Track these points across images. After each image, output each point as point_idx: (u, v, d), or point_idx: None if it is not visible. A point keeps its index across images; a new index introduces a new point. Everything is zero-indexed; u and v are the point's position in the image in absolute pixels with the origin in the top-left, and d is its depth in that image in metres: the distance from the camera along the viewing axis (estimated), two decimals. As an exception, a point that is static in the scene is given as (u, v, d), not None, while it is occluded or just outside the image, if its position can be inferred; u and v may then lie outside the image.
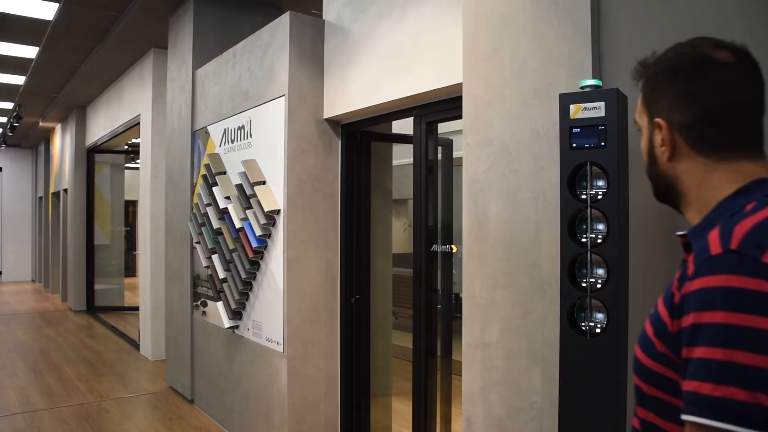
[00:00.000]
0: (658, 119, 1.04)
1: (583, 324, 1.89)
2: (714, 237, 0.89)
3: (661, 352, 0.94)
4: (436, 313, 3.53)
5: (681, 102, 1.01)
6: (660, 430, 0.97)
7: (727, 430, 0.79)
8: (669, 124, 1.03)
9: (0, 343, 8.03)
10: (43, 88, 9.28)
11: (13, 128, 11.18)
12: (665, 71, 1.04)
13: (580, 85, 1.90)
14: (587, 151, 1.87)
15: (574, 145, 1.89)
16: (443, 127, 3.56)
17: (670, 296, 0.93)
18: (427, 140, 3.44)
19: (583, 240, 1.89)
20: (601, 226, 1.86)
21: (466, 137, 2.69)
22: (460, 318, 2.84)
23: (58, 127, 12.36)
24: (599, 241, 1.86)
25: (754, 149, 0.99)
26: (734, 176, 0.98)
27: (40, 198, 15.22)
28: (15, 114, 10.43)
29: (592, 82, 1.88)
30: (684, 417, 0.84)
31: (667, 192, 1.10)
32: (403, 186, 6.45)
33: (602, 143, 1.84)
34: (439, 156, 3.63)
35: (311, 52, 4.00)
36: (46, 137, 14.00)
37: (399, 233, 8.32)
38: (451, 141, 3.86)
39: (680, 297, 0.89)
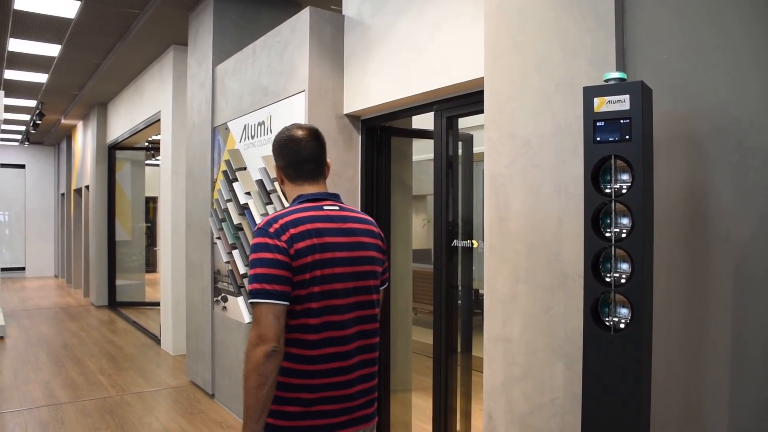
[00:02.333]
0: (276, 165, 2.01)
1: (607, 319, 1.88)
2: (262, 220, 1.86)
3: None
4: (456, 309, 3.52)
5: (278, 157, 1.99)
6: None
7: (256, 302, 1.71)
8: (277, 168, 2.01)
9: (24, 337, 8.16)
10: (65, 85, 9.40)
11: (35, 126, 11.32)
12: (274, 143, 2.00)
13: (605, 78, 1.88)
14: (611, 145, 1.84)
15: (598, 138, 1.87)
16: (463, 123, 3.54)
17: None
18: (447, 135, 3.43)
19: (607, 234, 1.87)
20: (625, 221, 1.84)
21: (488, 132, 2.68)
22: (480, 314, 2.83)
23: (80, 125, 12.50)
24: (623, 235, 1.84)
25: (311, 178, 1.97)
26: (300, 193, 1.95)
27: (63, 194, 15.42)
28: (38, 111, 10.56)
29: (616, 74, 1.86)
30: (248, 301, 1.84)
31: (287, 198, 2.03)
32: (422, 182, 6.44)
33: (627, 137, 1.81)
34: (459, 151, 3.62)
35: (331, 48, 4.01)
36: (68, 134, 14.18)
37: (418, 229, 8.31)
38: (472, 136, 3.84)
39: None
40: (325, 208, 1.91)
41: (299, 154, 1.94)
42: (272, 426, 1.79)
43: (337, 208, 1.94)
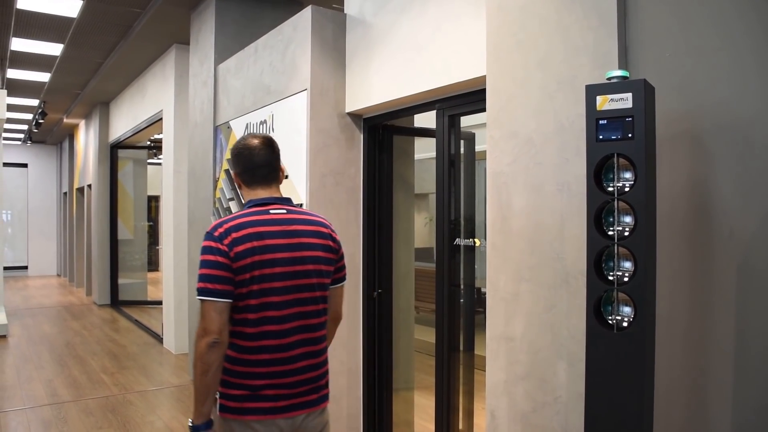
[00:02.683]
0: (232, 171, 2.19)
1: (609, 317, 1.87)
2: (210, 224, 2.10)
3: None
4: (458, 308, 3.52)
5: (234, 164, 2.15)
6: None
7: (201, 299, 1.94)
8: (234, 174, 2.17)
9: (27, 336, 8.17)
10: (68, 84, 9.40)
11: (38, 125, 11.33)
12: (231, 151, 2.17)
13: (607, 76, 1.88)
14: (614, 143, 1.84)
15: (601, 136, 1.86)
16: (465, 121, 3.54)
17: None
18: (449, 134, 3.42)
19: (610, 233, 1.87)
20: (628, 219, 1.84)
21: (490, 130, 2.67)
22: (482, 312, 2.83)
23: (82, 124, 12.51)
24: (626, 233, 1.84)
25: (264, 183, 2.12)
26: (252, 197, 2.12)
27: (65, 193, 15.43)
28: (40, 111, 10.56)
29: (619, 73, 1.86)
30: (197, 298, 1.97)
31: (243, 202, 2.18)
32: (424, 180, 6.43)
33: (629, 135, 1.81)
34: (462, 150, 3.61)
35: (333, 46, 4.00)
36: (70, 133, 14.19)
37: (420, 227, 8.30)
38: (474, 135, 3.84)
39: None
40: (271, 211, 2.07)
41: (253, 161, 2.10)
42: (223, 406, 2.01)
43: (284, 211, 2.09)
